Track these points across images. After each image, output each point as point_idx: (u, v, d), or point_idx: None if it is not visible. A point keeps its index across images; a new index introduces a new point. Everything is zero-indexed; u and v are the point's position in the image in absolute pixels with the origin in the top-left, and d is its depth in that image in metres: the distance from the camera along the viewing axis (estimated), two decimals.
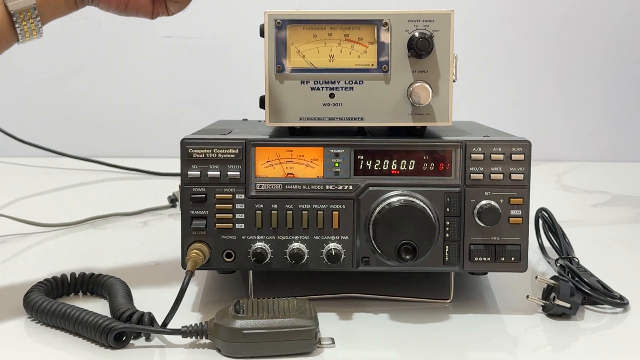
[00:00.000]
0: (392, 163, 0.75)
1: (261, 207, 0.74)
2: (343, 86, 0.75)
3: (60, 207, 1.28)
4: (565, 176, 1.60)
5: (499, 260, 0.75)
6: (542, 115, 1.81)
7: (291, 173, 0.75)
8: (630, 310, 0.78)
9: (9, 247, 1.02)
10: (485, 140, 0.74)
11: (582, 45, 1.79)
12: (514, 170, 0.74)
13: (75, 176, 1.54)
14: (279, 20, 0.73)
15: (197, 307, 0.78)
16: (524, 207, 0.74)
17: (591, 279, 0.80)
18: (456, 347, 0.69)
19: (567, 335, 0.73)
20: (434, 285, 0.83)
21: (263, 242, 0.75)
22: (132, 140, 1.75)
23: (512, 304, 0.79)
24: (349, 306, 0.78)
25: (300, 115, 0.75)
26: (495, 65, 1.80)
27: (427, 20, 0.73)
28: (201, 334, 0.67)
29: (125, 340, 0.68)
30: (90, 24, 1.73)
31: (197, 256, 0.73)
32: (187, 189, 0.75)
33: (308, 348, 0.66)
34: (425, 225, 0.72)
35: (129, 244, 1.04)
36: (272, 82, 0.74)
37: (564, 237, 0.93)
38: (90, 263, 0.92)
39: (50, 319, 0.71)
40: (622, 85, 1.81)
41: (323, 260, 0.75)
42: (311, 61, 0.74)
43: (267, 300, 0.69)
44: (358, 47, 0.74)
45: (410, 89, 0.74)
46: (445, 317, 0.76)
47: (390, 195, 0.74)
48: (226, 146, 0.74)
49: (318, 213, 0.74)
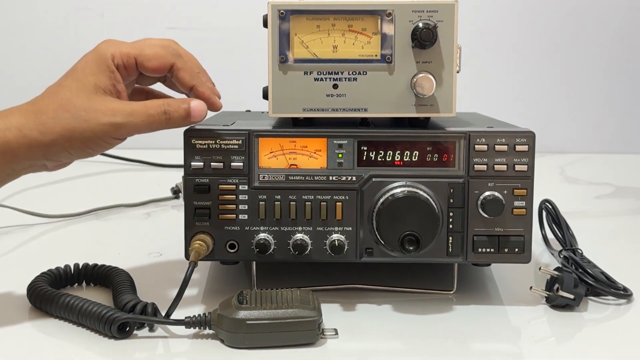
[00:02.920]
0: (396, 154, 0.74)
1: (264, 198, 0.74)
2: (346, 77, 0.74)
3: (63, 198, 1.28)
4: (569, 168, 1.60)
5: (503, 252, 0.74)
6: (546, 107, 1.81)
7: (294, 164, 0.75)
8: (634, 301, 0.78)
9: (13, 238, 1.02)
10: (489, 131, 0.74)
11: (587, 38, 1.78)
12: (518, 161, 0.74)
13: (79, 167, 1.53)
14: (282, 11, 0.73)
15: (200, 297, 0.78)
16: (527, 198, 0.74)
17: (595, 270, 0.80)
18: (459, 338, 0.69)
19: (570, 326, 0.73)
20: (437, 277, 0.83)
21: (266, 233, 0.75)
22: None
23: (516, 295, 0.79)
24: (352, 297, 0.77)
25: (303, 106, 0.75)
26: (500, 56, 1.80)
27: (431, 11, 0.73)
28: (204, 324, 0.67)
29: (128, 331, 0.68)
30: (93, 15, 1.73)
31: (201, 247, 0.73)
32: (190, 180, 0.75)
33: (311, 339, 0.66)
34: (428, 217, 0.72)
35: (133, 235, 1.04)
36: (276, 73, 0.74)
37: (568, 229, 0.93)
38: (93, 254, 0.92)
39: (54, 310, 0.71)
40: (626, 77, 1.80)
41: (326, 251, 0.75)
42: (314, 52, 0.74)
43: (271, 291, 0.69)
44: (362, 38, 0.74)
45: (414, 80, 0.73)
46: (448, 309, 0.76)
47: (394, 186, 0.74)
48: (229, 137, 0.74)
49: (321, 204, 0.74)
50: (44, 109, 0.69)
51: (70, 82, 0.71)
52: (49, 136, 0.69)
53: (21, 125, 0.69)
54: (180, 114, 0.71)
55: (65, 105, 0.69)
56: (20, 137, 0.68)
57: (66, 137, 0.69)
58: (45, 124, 0.69)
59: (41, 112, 0.69)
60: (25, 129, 0.68)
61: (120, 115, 0.69)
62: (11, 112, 0.70)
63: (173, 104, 0.71)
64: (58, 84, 0.72)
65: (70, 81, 0.71)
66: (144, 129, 0.71)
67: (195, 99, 0.72)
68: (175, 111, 0.71)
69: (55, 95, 0.70)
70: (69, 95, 0.70)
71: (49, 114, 0.69)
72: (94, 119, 0.69)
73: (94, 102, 0.70)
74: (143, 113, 0.70)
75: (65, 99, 0.70)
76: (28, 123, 0.69)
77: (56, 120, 0.69)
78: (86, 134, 0.69)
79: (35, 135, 0.68)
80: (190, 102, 0.71)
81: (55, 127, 0.69)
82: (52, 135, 0.69)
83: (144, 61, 0.73)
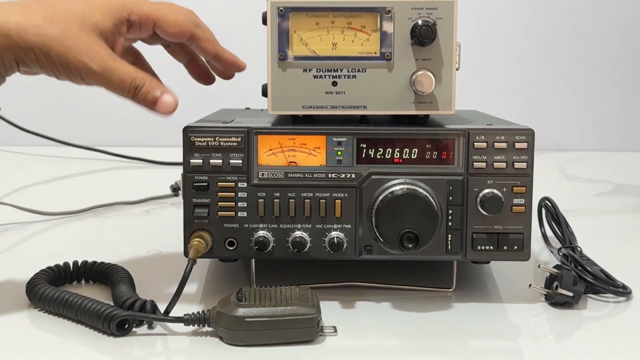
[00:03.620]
0: (395, 151, 0.74)
1: (263, 195, 0.74)
2: (346, 74, 0.74)
3: (63, 196, 1.28)
4: (569, 165, 1.60)
5: (502, 249, 0.74)
6: (546, 104, 1.81)
7: (294, 161, 0.75)
8: (633, 299, 0.78)
9: (12, 236, 1.02)
10: (488, 128, 0.74)
11: (587, 35, 1.78)
12: (517, 159, 0.74)
13: (78, 165, 1.54)
14: (282, 8, 0.73)
15: (199, 295, 0.78)
16: (527, 196, 0.74)
17: (594, 268, 0.80)
18: (459, 335, 0.69)
19: (569, 324, 0.73)
20: (436, 274, 0.83)
21: (265, 230, 0.75)
22: (134, 129, 1.75)
23: (515, 293, 0.79)
24: (351, 294, 0.78)
25: (302, 103, 0.75)
26: (499, 54, 1.80)
27: (431, 8, 0.73)
28: (203, 321, 0.67)
29: (127, 328, 0.68)
30: None
31: (200, 244, 0.73)
32: (189, 177, 0.74)
33: (310, 336, 0.66)
34: (427, 214, 0.72)
35: (132, 233, 1.04)
36: (275, 70, 0.74)
37: (567, 226, 0.93)
38: (93, 251, 0.92)
39: (53, 307, 0.71)
40: (626, 74, 1.80)
41: (325, 249, 0.75)
42: (314, 49, 0.74)
43: (270, 289, 0.69)
44: (361, 35, 0.74)
45: (413, 77, 0.73)
46: (447, 306, 0.76)
47: (393, 183, 0.74)
48: (229, 134, 0.74)
49: (320, 201, 0.74)
50: (31, 14, 0.68)
51: (76, 6, 0.69)
52: (26, 42, 0.67)
53: (1, 24, 0.67)
54: (148, 98, 0.70)
55: (55, 22, 0.68)
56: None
57: (43, 51, 0.67)
58: (27, 29, 0.67)
59: (26, 17, 0.68)
60: (3, 29, 0.67)
61: (98, 63, 0.68)
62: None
63: (148, 85, 0.70)
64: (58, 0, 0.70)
65: (76, 4, 0.70)
66: (110, 88, 0.70)
67: (171, 92, 0.72)
68: (145, 92, 0.70)
69: (51, 8, 0.69)
70: (65, 15, 0.68)
71: (34, 21, 0.67)
72: (75, 50, 0.68)
73: (83, 36, 0.68)
74: (117, 75, 0.69)
75: (59, 18, 0.68)
76: (8, 21, 0.67)
77: (39, 30, 0.67)
78: (60, 59, 0.68)
79: (12, 35, 0.67)
80: (165, 94, 0.71)
81: (34, 37, 0.67)
82: (29, 43, 0.67)
83: (165, 25, 0.73)
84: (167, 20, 0.74)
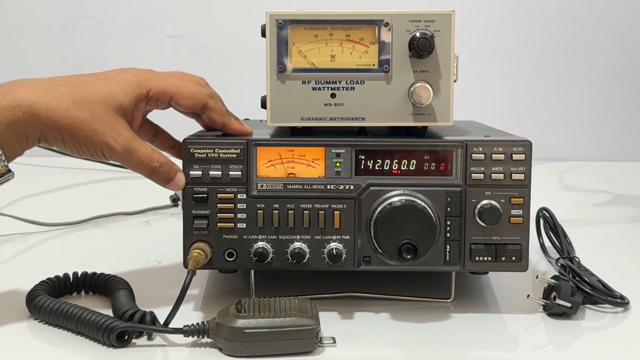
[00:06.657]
0: (393, 163, 0.75)
1: (263, 206, 0.75)
2: (344, 86, 0.75)
3: (62, 207, 1.28)
4: (566, 175, 1.60)
5: (500, 260, 0.75)
6: (543, 114, 1.81)
7: (292, 173, 0.75)
8: (631, 309, 0.78)
9: (11, 247, 1.02)
10: (486, 140, 0.75)
11: (583, 44, 1.79)
12: (515, 170, 0.74)
13: (78, 175, 1.54)
14: (280, 21, 0.74)
15: (198, 306, 0.79)
16: (524, 207, 0.74)
17: (592, 278, 0.80)
18: (457, 346, 0.70)
19: (567, 334, 0.73)
20: (435, 285, 0.83)
21: (264, 241, 0.75)
22: None
23: (513, 304, 0.79)
24: (350, 305, 0.78)
25: (301, 115, 0.75)
26: (496, 64, 1.80)
27: (428, 21, 0.73)
28: (203, 333, 0.67)
29: (127, 340, 0.68)
30: (92, 23, 1.73)
31: (199, 255, 0.73)
32: (189, 189, 0.75)
33: (309, 347, 0.67)
34: (426, 225, 0.72)
35: (131, 243, 1.04)
36: (274, 82, 0.75)
37: (565, 237, 0.93)
38: (92, 262, 0.93)
39: (53, 318, 0.71)
40: (623, 84, 1.81)
41: (324, 260, 0.75)
42: (312, 61, 0.75)
43: (269, 300, 0.69)
44: (359, 47, 0.74)
45: (412, 89, 0.74)
46: (446, 317, 0.76)
47: (391, 195, 0.74)
48: (228, 146, 0.75)
49: (319, 213, 0.75)
50: (61, 96, 0.71)
51: (101, 86, 0.73)
52: (55, 124, 0.71)
53: (32, 104, 0.70)
54: (163, 178, 0.75)
55: (83, 105, 0.71)
56: (29, 115, 0.70)
57: (70, 133, 0.71)
58: (57, 111, 0.70)
59: (56, 98, 0.71)
60: (34, 109, 0.70)
61: (121, 145, 0.72)
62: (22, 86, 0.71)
63: (165, 165, 0.74)
64: (84, 80, 0.74)
65: (101, 85, 0.73)
66: (130, 167, 0.74)
67: (181, 171, 0.75)
68: (162, 173, 0.75)
69: (78, 89, 0.72)
70: (93, 97, 0.72)
71: (63, 104, 0.71)
72: (100, 132, 0.71)
73: (108, 117, 0.72)
74: (137, 156, 0.73)
75: (87, 100, 0.72)
76: (40, 103, 0.70)
77: (69, 113, 0.71)
78: (87, 140, 0.72)
79: (42, 116, 0.70)
80: (177, 173, 0.75)
81: (63, 119, 0.71)
82: (58, 125, 0.71)
83: (180, 99, 0.76)
84: (182, 95, 0.76)
